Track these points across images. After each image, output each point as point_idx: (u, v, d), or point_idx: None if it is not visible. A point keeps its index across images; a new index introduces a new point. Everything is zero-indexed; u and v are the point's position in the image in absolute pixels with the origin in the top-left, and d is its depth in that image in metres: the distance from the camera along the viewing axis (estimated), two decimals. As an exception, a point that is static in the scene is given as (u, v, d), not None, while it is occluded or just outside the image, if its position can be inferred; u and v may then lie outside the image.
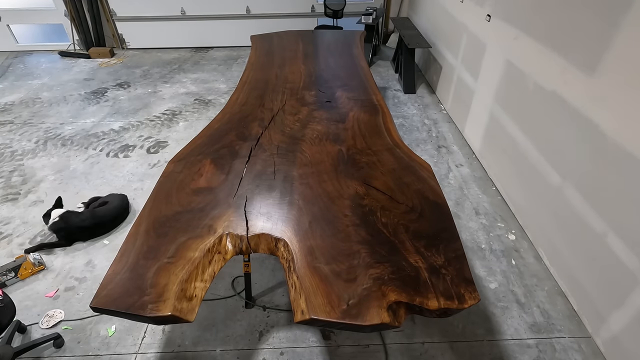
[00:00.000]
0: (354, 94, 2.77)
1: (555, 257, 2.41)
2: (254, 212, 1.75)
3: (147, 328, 2.16)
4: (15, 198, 3.10)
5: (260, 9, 5.97)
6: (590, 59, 2.06)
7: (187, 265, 1.47)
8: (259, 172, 2.00)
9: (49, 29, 6.59)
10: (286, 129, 2.36)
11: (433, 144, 3.75)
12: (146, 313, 1.30)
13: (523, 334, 2.11)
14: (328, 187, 1.88)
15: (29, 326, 2.16)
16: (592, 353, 2.03)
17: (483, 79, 3.36)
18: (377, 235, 1.61)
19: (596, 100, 2.03)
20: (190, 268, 1.46)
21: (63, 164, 3.50)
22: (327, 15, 5.37)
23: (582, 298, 2.18)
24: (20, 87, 5.03)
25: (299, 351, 2.04)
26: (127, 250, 1.55)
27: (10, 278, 2.38)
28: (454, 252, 1.53)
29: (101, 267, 2.51)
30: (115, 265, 1.48)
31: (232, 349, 2.05)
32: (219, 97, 4.75)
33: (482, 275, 2.44)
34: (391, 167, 2.01)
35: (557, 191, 2.34)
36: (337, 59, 3.45)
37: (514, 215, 2.88)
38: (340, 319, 1.29)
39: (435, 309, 1.33)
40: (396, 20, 5.50)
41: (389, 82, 5.02)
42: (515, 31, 2.80)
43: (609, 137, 1.94)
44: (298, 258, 1.51)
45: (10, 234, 2.77)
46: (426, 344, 2.07)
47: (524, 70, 2.71)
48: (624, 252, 1.86)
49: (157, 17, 5.93)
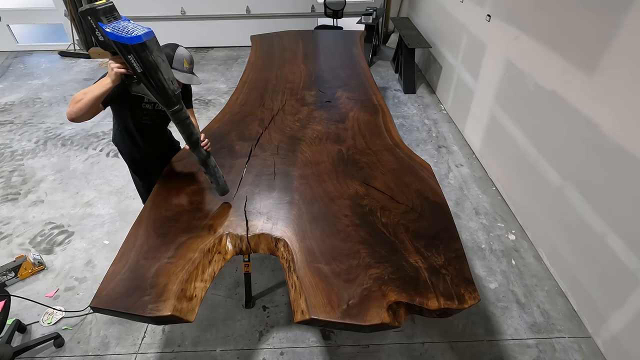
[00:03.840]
0: (354, 94, 2.77)
1: (555, 257, 2.41)
2: (254, 212, 1.75)
3: (147, 328, 2.16)
4: (15, 198, 3.10)
5: (260, 9, 5.97)
6: (590, 58, 2.06)
7: (187, 265, 1.47)
8: (259, 172, 2.00)
9: (49, 29, 6.59)
10: (286, 129, 2.36)
11: (433, 144, 3.75)
12: (146, 313, 1.30)
13: (523, 334, 2.11)
14: (328, 187, 1.88)
15: (29, 325, 2.16)
16: (592, 353, 2.03)
17: (483, 79, 3.35)
18: (377, 235, 1.61)
19: (596, 100, 2.03)
20: (190, 268, 1.46)
21: (63, 164, 3.50)
22: (327, 15, 5.37)
23: (582, 298, 2.18)
24: (20, 87, 5.03)
25: (299, 351, 2.04)
26: (127, 250, 1.55)
27: (10, 278, 2.38)
28: (454, 252, 1.53)
29: (101, 267, 2.51)
30: (115, 265, 1.48)
31: (232, 349, 2.05)
32: (219, 97, 4.75)
33: (482, 275, 2.44)
34: (391, 167, 2.01)
35: (557, 191, 2.34)
36: (337, 59, 3.45)
37: (514, 215, 2.88)
38: (340, 319, 1.29)
39: (435, 309, 1.33)
40: (396, 20, 5.50)
41: (389, 82, 5.02)
42: (515, 31, 2.80)
43: (609, 137, 1.94)
44: (298, 258, 1.51)
45: (10, 234, 2.77)
46: (426, 344, 2.07)
47: (524, 70, 2.71)
48: (624, 252, 1.86)
49: (157, 17, 5.93)
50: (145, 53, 1.30)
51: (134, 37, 1.26)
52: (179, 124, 1.55)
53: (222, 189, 1.77)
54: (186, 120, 1.56)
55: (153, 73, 1.35)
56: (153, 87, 1.39)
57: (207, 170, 1.72)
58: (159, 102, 1.48)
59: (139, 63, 1.32)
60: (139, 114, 1.88)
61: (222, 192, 1.78)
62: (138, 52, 1.29)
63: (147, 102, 1.86)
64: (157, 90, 1.40)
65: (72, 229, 2.80)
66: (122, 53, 1.31)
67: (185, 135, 1.60)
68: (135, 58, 1.30)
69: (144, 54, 1.30)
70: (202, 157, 1.69)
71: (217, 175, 1.73)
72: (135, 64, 1.32)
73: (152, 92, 1.42)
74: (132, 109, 1.85)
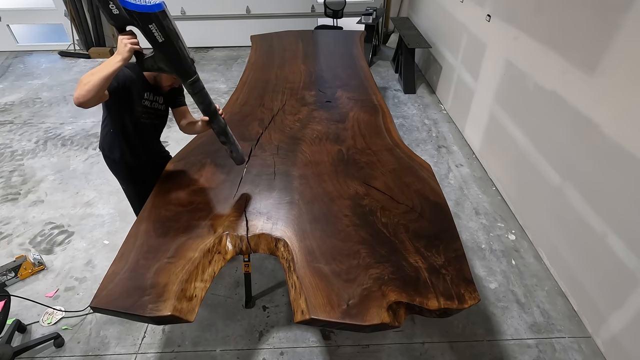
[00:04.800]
0: (354, 94, 2.77)
1: (555, 257, 2.41)
2: (254, 212, 1.75)
3: (147, 328, 2.16)
4: (15, 198, 3.10)
5: (260, 9, 5.97)
6: (591, 59, 2.06)
7: (187, 265, 1.47)
8: (259, 172, 2.00)
9: (49, 29, 6.59)
10: (286, 129, 2.36)
11: (433, 144, 3.75)
12: (146, 313, 1.30)
13: (523, 334, 2.11)
14: (328, 187, 1.88)
15: (29, 325, 2.16)
16: (592, 353, 2.03)
17: (483, 79, 3.35)
18: (377, 235, 1.61)
19: (596, 100, 2.03)
20: (190, 268, 1.46)
21: (63, 164, 3.50)
22: (327, 15, 5.37)
23: (582, 298, 2.18)
24: (20, 87, 5.03)
25: (299, 351, 2.04)
26: (127, 250, 1.55)
27: (10, 278, 2.38)
28: (454, 252, 1.53)
29: (101, 267, 2.51)
30: (115, 265, 1.48)
31: (232, 349, 2.05)
32: (219, 97, 4.75)
33: (482, 275, 2.44)
34: (391, 167, 2.01)
35: (557, 191, 2.34)
36: (337, 59, 3.45)
37: (514, 215, 2.88)
38: (340, 319, 1.29)
39: (435, 309, 1.33)
40: (396, 20, 5.50)
41: (389, 82, 5.02)
42: (515, 31, 2.80)
43: (609, 137, 1.94)
44: (298, 258, 1.51)
45: (10, 234, 2.77)
46: (426, 344, 2.07)
47: (524, 70, 2.71)
48: (624, 252, 1.86)
49: (157, 17, 5.93)
50: (167, 20, 1.25)
51: (155, 5, 1.20)
52: (197, 94, 1.52)
53: (240, 157, 1.80)
54: (203, 90, 1.53)
55: (175, 41, 1.29)
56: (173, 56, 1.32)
57: (226, 138, 1.71)
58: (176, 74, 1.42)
59: (160, 32, 1.25)
60: (139, 111, 1.82)
61: (240, 161, 1.82)
62: (160, 20, 1.22)
63: (146, 98, 1.81)
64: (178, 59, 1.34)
65: (72, 229, 2.80)
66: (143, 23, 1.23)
67: (204, 105, 1.57)
68: (157, 27, 1.23)
69: (165, 21, 1.24)
70: (222, 126, 1.67)
71: (236, 143, 1.75)
72: (157, 34, 1.25)
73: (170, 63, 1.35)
74: (133, 105, 1.77)
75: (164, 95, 1.90)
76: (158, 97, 1.87)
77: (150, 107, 1.86)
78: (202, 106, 1.58)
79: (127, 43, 1.35)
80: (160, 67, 1.41)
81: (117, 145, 1.90)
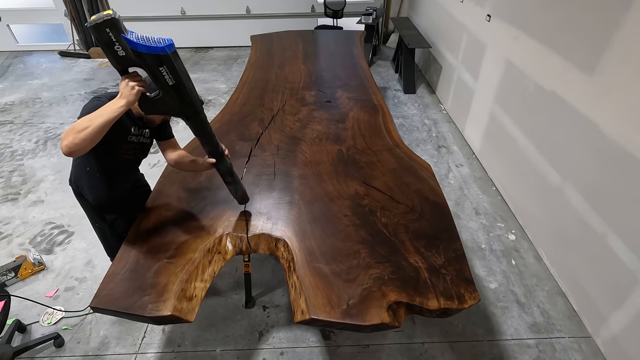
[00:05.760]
0: (354, 94, 2.77)
1: (555, 257, 2.41)
2: (254, 212, 1.75)
3: (147, 328, 2.15)
4: (15, 198, 3.10)
5: (260, 9, 5.97)
6: (591, 58, 2.06)
7: (187, 265, 1.47)
8: (259, 172, 2.00)
9: (49, 29, 6.59)
10: (286, 129, 2.36)
11: (433, 144, 3.75)
12: (146, 313, 1.30)
13: (523, 334, 2.11)
14: (328, 187, 1.88)
15: (29, 325, 2.16)
16: (592, 353, 2.03)
17: (483, 79, 3.35)
18: (377, 235, 1.61)
19: (596, 99, 2.03)
20: (190, 268, 1.46)
21: (63, 164, 3.50)
22: (327, 15, 5.37)
23: (582, 298, 2.18)
24: (20, 87, 5.03)
25: (299, 351, 2.04)
26: (127, 250, 1.55)
27: (10, 278, 2.38)
28: (454, 252, 1.53)
29: (101, 267, 2.51)
30: (115, 265, 1.48)
31: (232, 349, 2.05)
32: (219, 97, 4.75)
33: (482, 275, 2.44)
34: (391, 167, 2.01)
35: (557, 191, 2.34)
36: (337, 59, 3.45)
37: (514, 215, 2.88)
38: (340, 319, 1.29)
39: (435, 309, 1.33)
40: (396, 20, 5.50)
41: (389, 82, 5.02)
42: (515, 31, 2.80)
43: (609, 137, 1.94)
44: (298, 258, 1.51)
45: (10, 234, 2.77)
46: (426, 344, 2.06)
47: (524, 70, 2.71)
48: (624, 252, 1.86)
49: (157, 17, 5.93)
50: (179, 61, 1.16)
51: (167, 46, 1.10)
52: (204, 135, 1.40)
53: (245, 196, 1.71)
54: (211, 132, 1.42)
55: (185, 82, 1.20)
56: (183, 98, 1.23)
57: (232, 179, 1.61)
58: (183, 116, 1.31)
59: (171, 74, 1.15)
60: (125, 149, 1.62)
61: (244, 201, 1.72)
62: (172, 62, 1.13)
63: (133, 134, 1.61)
64: (189, 101, 1.24)
65: (72, 229, 2.80)
66: (153, 65, 1.13)
67: (211, 147, 1.46)
68: (167, 69, 1.14)
69: (177, 62, 1.15)
70: (229, 167, 1.57)
71: (240, 182, 1.65)
72: (167, 76, 1.16)
73: (176, 105, 1.25)
74: (118, 143, 1.58)
75: (151, 128, 1.72)
76: (144, 131, 1.68)
77: (137, 142, 1.66)
78: (208, 148, 1.48)
79: (134, 85, 1.23)
80: (167, 110, 1.31)
81: (93, 186, 1.68)
